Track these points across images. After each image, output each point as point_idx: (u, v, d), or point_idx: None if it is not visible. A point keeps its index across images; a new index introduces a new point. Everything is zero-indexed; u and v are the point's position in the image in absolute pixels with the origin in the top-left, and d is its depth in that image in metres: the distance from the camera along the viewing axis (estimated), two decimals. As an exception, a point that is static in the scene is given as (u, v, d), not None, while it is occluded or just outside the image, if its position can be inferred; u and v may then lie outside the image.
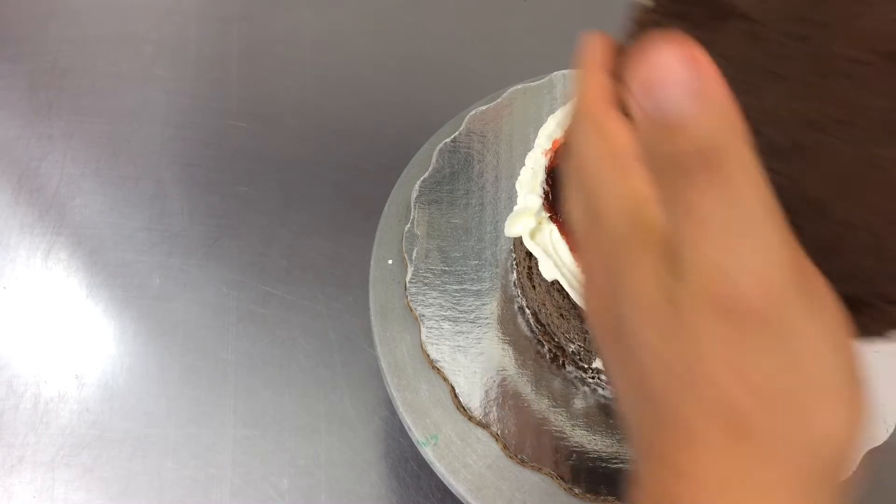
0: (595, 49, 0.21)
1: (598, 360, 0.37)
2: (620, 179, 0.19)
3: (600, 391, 0.40)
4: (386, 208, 0.45)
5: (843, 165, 0.19)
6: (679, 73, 0.16)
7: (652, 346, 0.18)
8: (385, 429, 0.43)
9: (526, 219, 0.35)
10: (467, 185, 0.46)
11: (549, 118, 0.39)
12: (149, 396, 0.44)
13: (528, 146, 0.39)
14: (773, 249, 0.16)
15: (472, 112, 0.48)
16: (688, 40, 0.16)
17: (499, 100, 0.49)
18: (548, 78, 0.48)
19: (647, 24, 0.21)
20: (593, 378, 0.40)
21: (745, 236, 0.16)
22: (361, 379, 0.44)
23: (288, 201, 0.51)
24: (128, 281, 0.48)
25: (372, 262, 0.43)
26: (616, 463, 0.38)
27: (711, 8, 0.20)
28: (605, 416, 0.39)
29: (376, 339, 0.41)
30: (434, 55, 0.58)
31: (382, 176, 0.47)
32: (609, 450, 0.38)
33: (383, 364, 0.40)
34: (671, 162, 0.17)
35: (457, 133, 0.47)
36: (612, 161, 0.19)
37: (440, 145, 0.47)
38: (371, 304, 0.42)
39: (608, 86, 0.20)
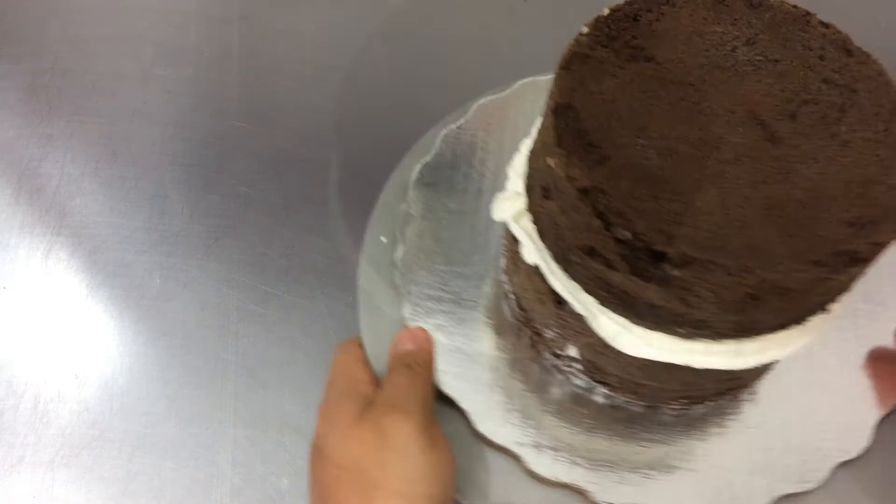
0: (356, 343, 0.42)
1: (571, 348, 0.38)
2: (352, 370, 0.39)
3: (574, 380, 0.40)
4: (386, 188, 0.46)
5: (702, 170, 0.28)
6: (409, 337, 0.40)
7: (336, 448, 0.34)
8: (385, 429, 0.43)
9: (513, 202, 0.35)
10: (467, 172, 0.46)
11: None
12: (149, 396, 0.44)
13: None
14: (416, 414, 0.34)
15: (481, 101, 0.48)
16: (420, 330, 0.41)
17: (508, 91, 0.49)
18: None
19: (584, 45, 0.31)
20: (568, 367, 0.40)
21: (408, 399, 0.35)
22: (361, 379, 0.44)
23: (288, 201, 0.51)
24: (128, 281, 0.48)
25: (366, 238, 0.44)
26: (580, 452, 0.38)
27: (634, 50, 0.31)
28: (575, 405, 0.40)
29: (360, 310, 0.41)
30: (433, 56, 0.58)
31: (383, 176, 0.47)
32: (577, 437, 0.38)
33: (365, 338, 0.41)
34: (395, 362, 0.39)
35: (463, 120, 0.47)
36: (352, 366, 0.40)
37: (445, 131, 0.47)
38: (359, 278, 0.42)
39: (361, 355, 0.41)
